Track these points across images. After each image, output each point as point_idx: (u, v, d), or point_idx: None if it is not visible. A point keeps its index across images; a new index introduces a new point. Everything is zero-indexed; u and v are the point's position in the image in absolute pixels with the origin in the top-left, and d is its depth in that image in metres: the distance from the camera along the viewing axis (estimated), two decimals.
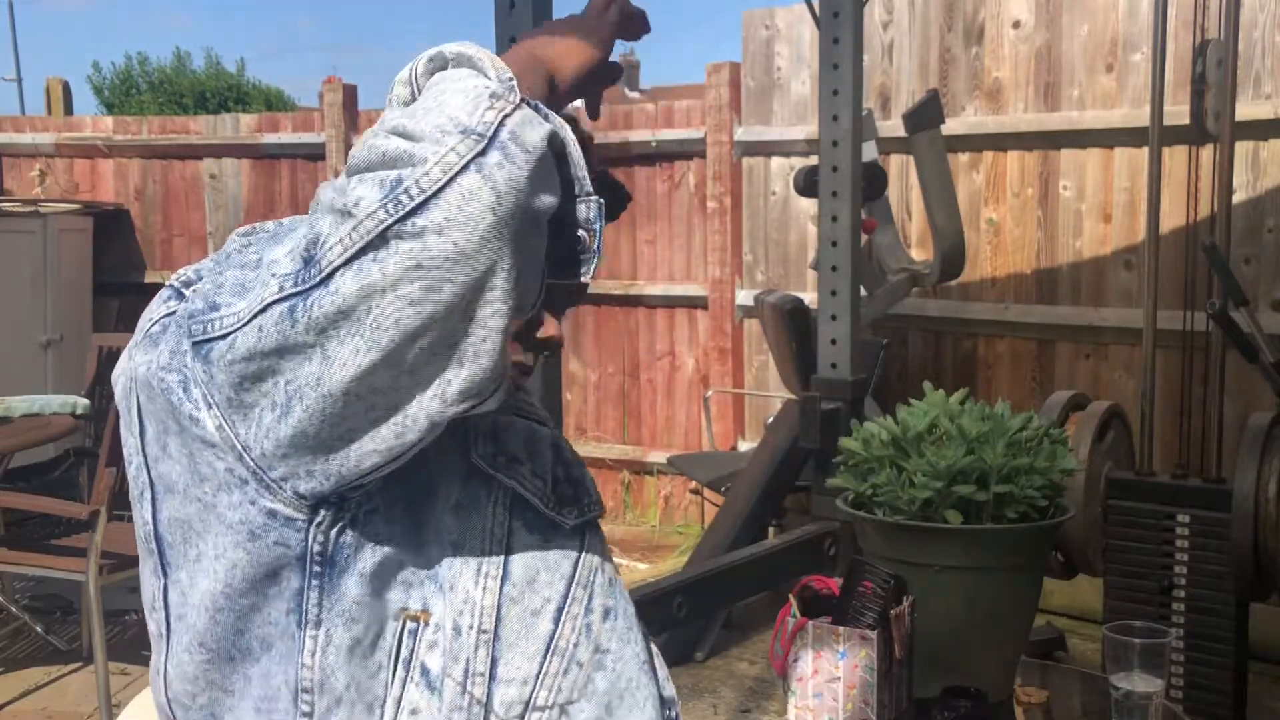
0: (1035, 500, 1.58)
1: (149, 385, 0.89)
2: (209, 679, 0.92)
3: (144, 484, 0.93)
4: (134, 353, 0.92)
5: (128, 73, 27.96)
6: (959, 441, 1.58)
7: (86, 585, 3.20)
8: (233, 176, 5.85)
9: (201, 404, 0.85)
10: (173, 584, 0.92)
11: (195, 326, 0.85)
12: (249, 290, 0.82)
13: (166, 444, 0.89)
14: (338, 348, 0.78)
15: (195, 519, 0.89)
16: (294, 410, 0.81)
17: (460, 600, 0.91)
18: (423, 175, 0.76)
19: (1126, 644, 1.45)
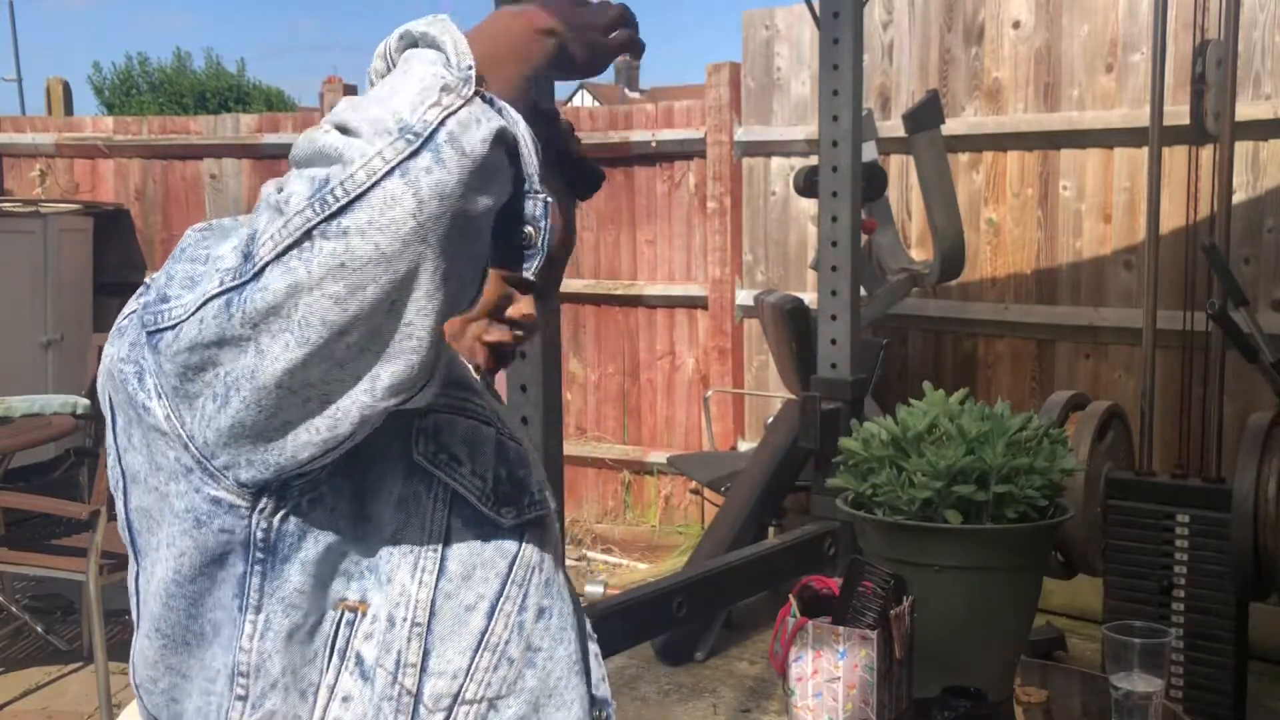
0: (1035, 500, 1.59)
1: (113, 377, 0.92)
2: (167, 664, 0.95)
3: (118, 475, 0.95)
4: (106, 347, 0.95)
5: (128, 73, 27.98)
6: (959, 441, 1.58)
7: (87, 585, 3.20)
8: (233, 177, 5.85)
9: (153, 394, 0.87)
10: (141, 571, 0.96)
11: (148, 318, 0.87)
12: (196, 284, 0.84)
13: (131, 435, 0.92)
14: (270, 342, 0.79)
15: (154, 508, 0.91)
16: (232, 401, 0.82)
17: (396, 593, 0.93)
18: (348, 178, 0.77)
19: (1126, 644, 1.45)
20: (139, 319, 0.88)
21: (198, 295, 0.82)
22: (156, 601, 0.93)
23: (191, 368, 0.83)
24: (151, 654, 0.96)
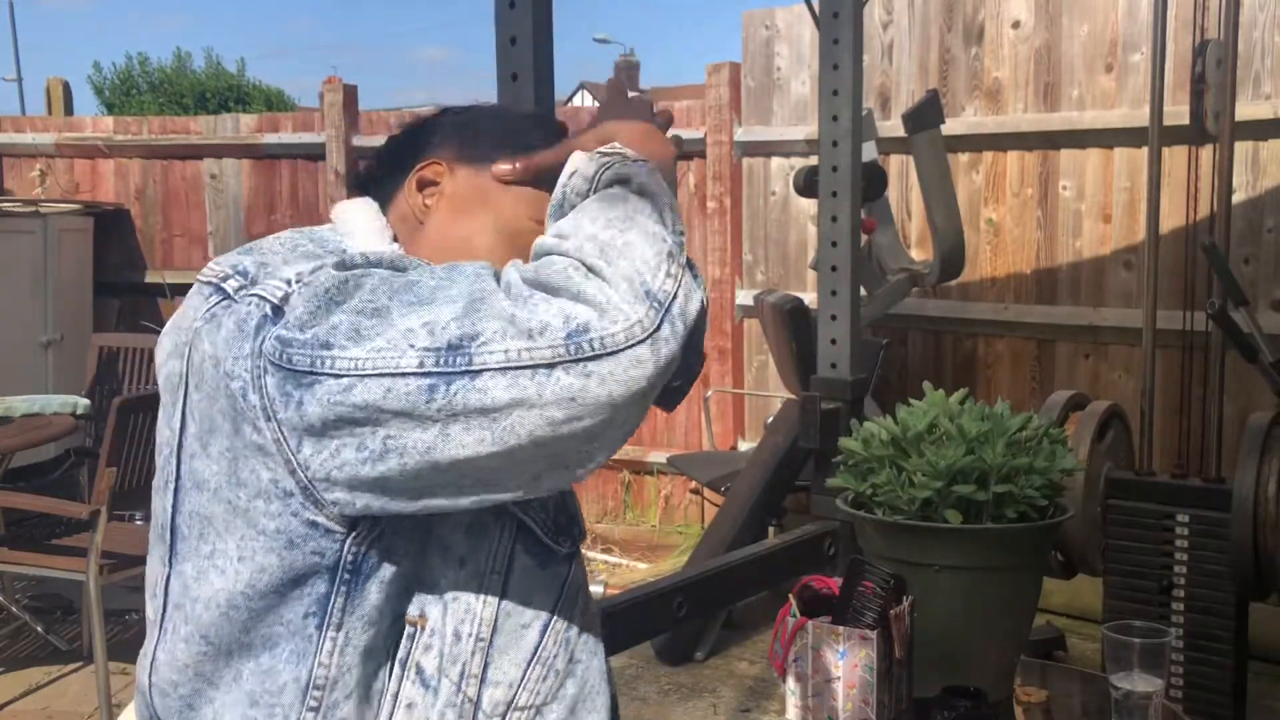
0: (1035, 500, 1.59)
1: (208, 384, 0.94)
2: (198, 670, 0.97)
3: (170, 474, 0.98)
4: (190, 349, 0.97)
5: (128, 73, 27.97)
6: (959, 441, 1.58)
7: (87, 585, 3.21)
8: (233, 176, 5.85)
9: (261, 415, 0.90)
10: (176, 574, 0.98)
11: (298, 356, 0.88)
12: (366, 340, 0.87)
13: (208, 443, 0.94)
14: (461, 432, 0.85)
15: (219, 518, 0.94)
16: (388, 461, 0.87)
17: (462, 610, 0.98)
18: (609, 335, 0.85)
19: (1126, 644, 1.45)
20: (277, 347, 0.89)
21: (378, 359, 0.85)
22: (210, 610, 0.95)
23: (348, 420, 0.87)
24: (185, 659, 0.97)
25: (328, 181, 5.64)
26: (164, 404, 1.01)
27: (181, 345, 0.98)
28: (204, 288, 0.99)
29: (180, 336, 0.99)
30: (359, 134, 5.64)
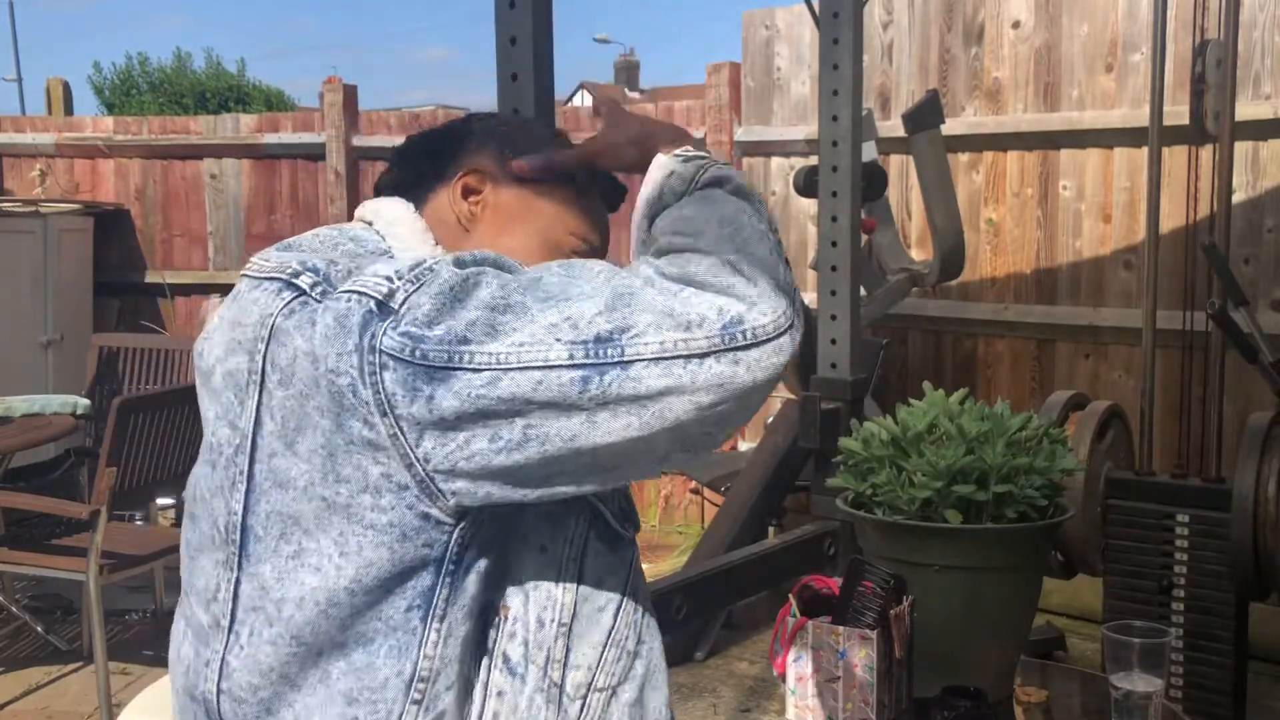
0: (1035, 500, 1.59)
1: (300, 380, 0.93)
2: (283, 672, 0.96)
3: (237, 474, 0.97)
4: (267, 346, 0.96)
5: (128, 73, 27.97)
6: (959, 441, 1.58)
7: (87, 585, 3.21)
8: (233, 176, 5.85)
9: (375, 410, 0.90)
10: (248, 577, 0.97)
11: (433, 352, 0.89)
12: (504, 335, 0.89)
13: (296, 441, 0.94)
14: (608, 419, 0.89)
15: (309, 516, 0.94)
16: (527, 449, 0.90)
17: (544, 598, 1.01)
18: (760, 326, 0.90)
19: (1126, 644, 1.45)
20: (404, 343, 0.90)
21: (523, 352, 0.88)
22: (303, 609, 0.95)
23: (488, 413, 0.89)
24: (270, 662, 0.96)
25: (328, 181, 5.64)
26: (220, 402, 0.99)
27: (249, 342, 0.97)
28: (268, 284, 0.99)
29: (243, 333, 0.98)
30: (359, 134, 5.64)
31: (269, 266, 1.01)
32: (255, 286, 1.00)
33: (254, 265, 1.02)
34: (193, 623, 1.03)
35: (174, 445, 3.45)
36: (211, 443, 1.00)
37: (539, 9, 1.77)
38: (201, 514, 1.02)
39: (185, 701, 1.03)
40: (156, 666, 3.80)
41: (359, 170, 5.67)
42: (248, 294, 1.00)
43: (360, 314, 0.92)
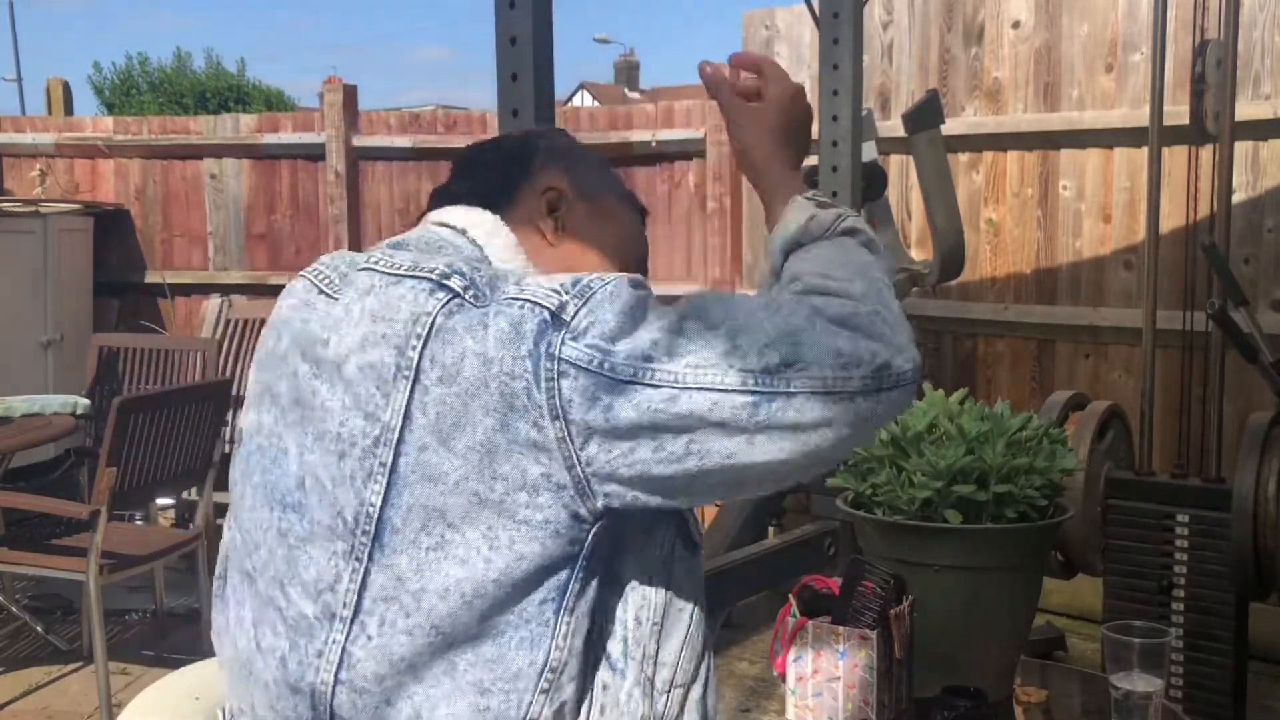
0: (1035, 500, 1.59)
1: (466, 379, 0.97)
2: (414, 662, 0.99)
3: (376, 466, 0.99)
4: (422, 343, 0.98)
5: (128, 73, 27.98)
6: (959, 441, 1.58)
7: (87, 585, 3.21)
8: (233, 176, 5.85)
9: (546, 414, 0.96)
10: (381, 568, 0.99)
11: (620, 366, 0.96)
12: (681, 356, 0.97)
13: (452, 438, 0.97)
14: (766, 443, 0.97)
15: (456, 509, 0.98)
16: (686, 463, 0.98)
17: (640, 598, 1.07)
18: (902, 371, 1.01)
19: (1126, 644, 1.45)
20: (591, 355, 0.97)
21: (700, 375, 0.97)
22: (447, 600, 0.98)
23: (661, 426, 0.97)
24: (403, 652, 0.99)
25: (328, 181, 5.64)
26: (353, 393, 1.01)
27: (398, 338, 0.99)
28: (413, 282, 1.02)
29: (389, 328, 1.00)
30: (359, 134, 5.64)
31: (403, 264, 1.04)
32: (394, 283, 1.02)
33: (382, 261, 1.05)
34: (287, 613, 1.03)
35: (174, 445, 3.45)
36: (338, 433, 1.01)
37: (539, 9, 1.77)
38: (314, 503, 1.02)
39: (280, 692, 1.04)
40: (156, 666, 3.80)
41: (359, 170, 5.67)
42: (387, 289, 1.02)
43: (535, 322, 0.97)
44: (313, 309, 1.08)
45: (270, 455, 1.08)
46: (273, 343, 1.11)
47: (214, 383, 3.94)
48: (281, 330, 1.10)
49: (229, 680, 1.11)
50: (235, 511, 1.13)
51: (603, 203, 1.26)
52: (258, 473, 1.09)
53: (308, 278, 1.13)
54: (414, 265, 1.03)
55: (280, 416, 1.07)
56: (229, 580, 1.12)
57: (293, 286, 1.14)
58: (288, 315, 1.11)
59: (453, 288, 1.01)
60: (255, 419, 1.11)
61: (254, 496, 1.09)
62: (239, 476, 1.13)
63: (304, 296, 1.11)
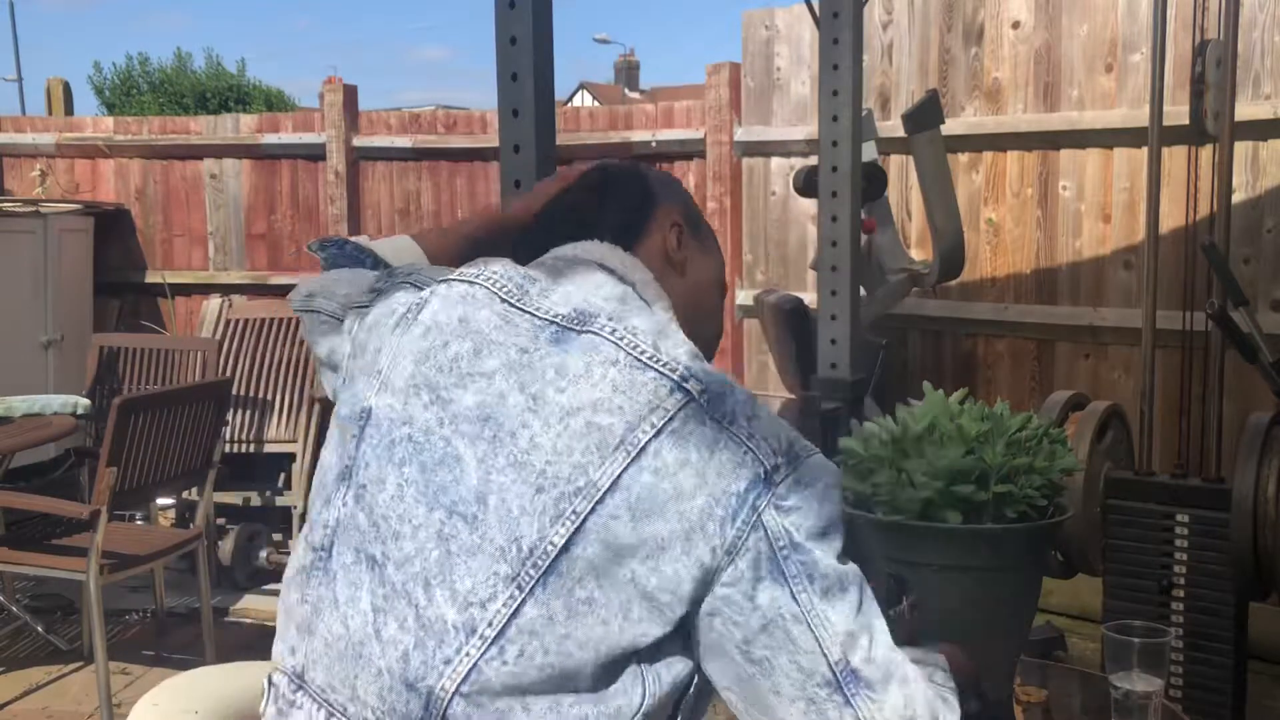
0: (1035, 500, 1.59)
1: (675, 485, 1.04)
2: (527, 692, 1.04)
3: (570, 514, 1.04)
4: (651, 439, 1.05)
5: (128, 73, 27.98)
6: (959, 441, 1.58)
7: (87, 585, 3.21)
8: (233, 176, 5.85)
9: (723, 550, 1.04)
10: (537, 603, 1.04)
11: (791, 565, 1.06)
12: (826, 600, 1.07)
13: (641, 523, 1.04)
14: (800, 712, 1.07)
15: (612, 578, 1.04)
16: (748, 666, 1.07)
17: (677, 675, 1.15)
18: None
19: (1126, 643, 1.46)
20: (781, 537, 1.06)
21: (819, 628, 1.06)
22: (584, 650, 1.04)
23: (770, 625, 1.05)
24: (528, 684, 1.04)
25: (328, 181, 5.64)
26: (572, 441, 1.06)
27: (633, 415, 1.06)
28: (655, 374, 1.08)
29: (626, 402, 1.07)
30: (359, 134, 5.64)
31: (645, 351, 1.11)
32: (639, 369, 1.09)
33: (625, 338, 1.11)
34: (424, 612, 1.06)
35: (174, 445, 3.45)
36: (542, 469, 1.06)
37: (539, 9, 1.78)
38: (493, 522, 1.06)
39: (393, 684, 1.06)
40: (156, 666, 3.80)
41: (359, 170, 5.67)
42: (631, 371, 1.09)
43: (751, 472, 1.06)
44: (516, 329, 1.13)
45: (433, 454, 1.10)
46: (456, 348, 1.14)
47: (214, 382, 3.94)
48: (475, 341, 1.14)
49: (325, 654, 1.11)
50: (359, 490, 1.13)
51: (705, 234, 1.38)
52: (412, 465, 1.11)
53: (485, 286, 1.18)
54: (654, 355, 1.10)
55: (450, 422, 1.10)
56: (338, 556, 1.13)
57: (471, 292, 1.18)
58: (484, 328, 1.15)
59: (690, 391, 1.08)
60: (401, 408, 1.13)
61: (404, 488, 1.10)
62: (372, 457, 1.13)
63: (497, 309, 1.16)
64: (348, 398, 1.22)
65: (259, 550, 4.68)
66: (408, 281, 1.27)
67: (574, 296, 1.16)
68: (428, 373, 1.14)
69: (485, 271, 1.21)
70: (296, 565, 1.18)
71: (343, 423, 1.20)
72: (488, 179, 5.48)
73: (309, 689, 1.12)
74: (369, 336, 1.23)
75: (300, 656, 1.14)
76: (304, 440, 5.05)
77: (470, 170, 5.55)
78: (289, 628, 1.17)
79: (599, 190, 1.36)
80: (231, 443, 4.97)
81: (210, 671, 1.64)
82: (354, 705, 1.08)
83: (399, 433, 1.12)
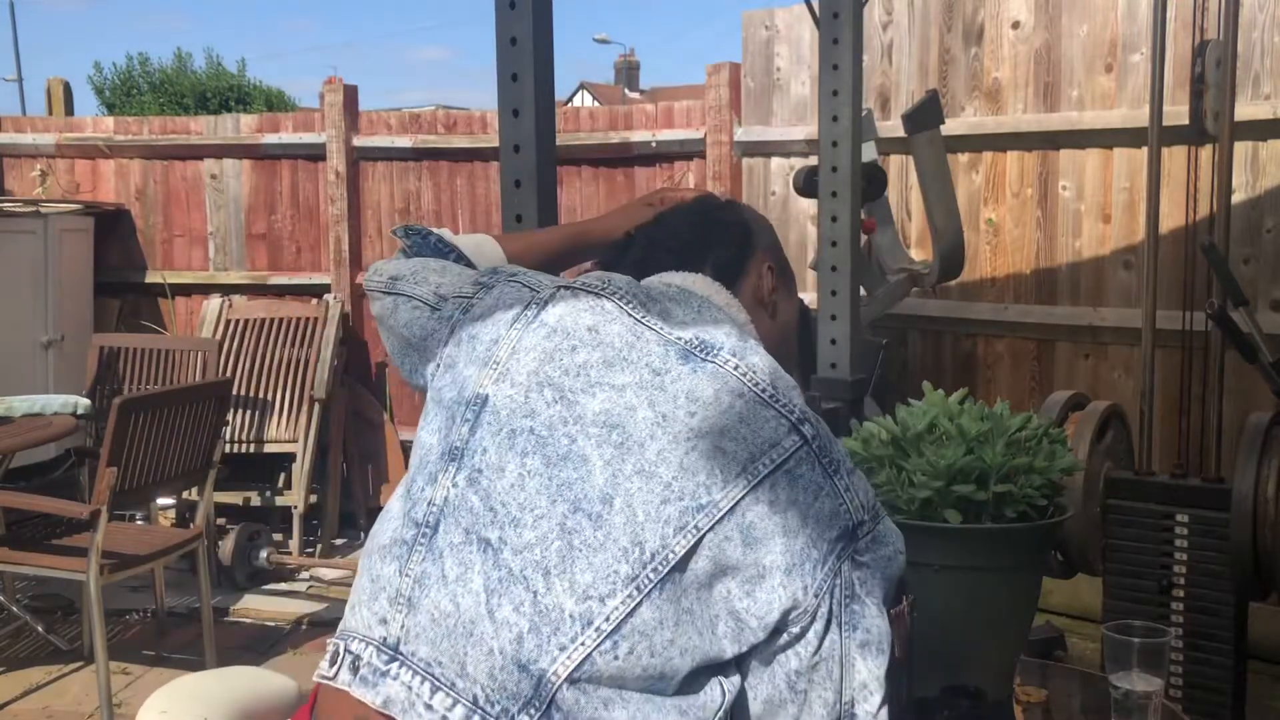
0: (1035, 500, 1.59)
1: (789, 521, 1.12)
2: (625, 686, 1.08)
3: (691, 527, 1.10)
4: (777, 468, 1.13)
5: (129, 73, 27.96)
6: (958, 441, 1.58)
7: (87, 585, 3.21)
8: (233, 177, 5.85)
9: (813, 587, 1.12)
10: (654, 606, 1.09)
11: (843, 620, 1.14)
12: (865, 656, 1.15)
13: (749, 546, 1.10)
14: None
15: (710, 595, 1.12)
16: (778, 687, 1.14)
17: None
18: None
19: (1126, 643, 1.46)
20: (850, 592, 1.14)
21: (850, 681, 1.14)
22: (684, 658, 1.11)
23: (798, 672, 1.13)
24: (630, 678, 1.09)
25: (328, 181, 5.64)
26: (699, 457, 1.12)
27: (754, 447, 1.13)
28: (775, 413, 1.15)
29: (749, 432, 1.14)
30: (359, 134, 5.64)
31: (766, 389, 1.17)
32: (762, 405, 1.16)
33: (748, 374, 1.17)
34: (542, 599, 1.09)
35: (174, 445, 3.46)
36: (668, 482, 1.11)
37: (539, 9, 1.78)
38: (619, 524, 1.10)
39: (505, 664, 1.09)
40: (157, 666, 3.80)
41: (359, 170, 5.67)
42: (754, 407, 1.16)
43: (843, 524, 1.15)
44: (647, 347, 1.19)
45: (556, 449, 1.14)
46: (585, 355, 1.20)
47: (214, 383, 3.94)
48: (605, 353, 1.19)
49: (430, 628, 1.12)
50: (473, 474, 1.16)
51: (790, 278, 1.47)
52: (534, 457, 1.14)
53: (613, 299, 1.24)
54: (777, 392, 1.17)
55: (575, 422, 1.15)
56: (446, 535, 1.15)
57: (599, 304, 1.24)
58: (616, 343, 1.20)
59: (805, 436, 1.15)
60: (524, 400, 1.18)
61: (526, 478, 1.14)
62: (490, 443, 1.17)
63: (626, 323, 1.22)
64: (451, 382, 1.25)
65: (259, 550, 4.68)
66: (517, 280, 1.31)
67: (692, 325, 1.22)
68: (552, 373, 1.19)
69: (611, 285, 1.26)
70: (391, 536, 1.19)
71: (448, 405, 1.23)
72: (488, 179, 5.48)
73: (409, 661, 1.12)
74: (479, 328, 1.27)
75: (395, 628, 1.14)
76: (304, 440, 5.05)
77: (470, 170, 5.55)
78: (378, 598, 1.17)
79: (703, 226, 1.42)
80: (231, 443, 4.97)
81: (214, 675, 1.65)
82: (462, 681, 1.09)
83: (520, 424, 1.16)
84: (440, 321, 1.33)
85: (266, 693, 1.50)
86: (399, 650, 1.13)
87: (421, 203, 5.64)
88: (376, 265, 1.46)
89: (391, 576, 1.16)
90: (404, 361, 1.40)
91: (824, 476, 1.15)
